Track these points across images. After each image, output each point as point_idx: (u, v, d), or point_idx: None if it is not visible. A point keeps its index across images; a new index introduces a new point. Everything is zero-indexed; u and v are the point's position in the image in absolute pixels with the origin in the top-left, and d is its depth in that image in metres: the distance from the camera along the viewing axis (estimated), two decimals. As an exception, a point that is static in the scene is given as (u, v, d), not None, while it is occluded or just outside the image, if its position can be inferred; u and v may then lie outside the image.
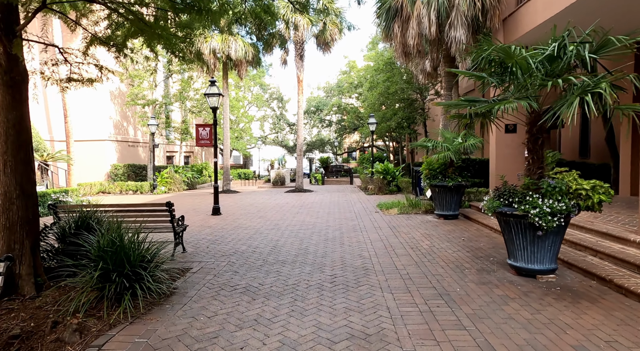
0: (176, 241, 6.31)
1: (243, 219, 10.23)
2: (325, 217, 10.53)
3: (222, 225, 9.39)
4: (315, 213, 11.43)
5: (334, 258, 6.21)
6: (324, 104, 33.34)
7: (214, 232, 8.53)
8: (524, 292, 4.47)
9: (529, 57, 4.36)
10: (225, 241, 7.56)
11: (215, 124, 10.94)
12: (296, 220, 10.04)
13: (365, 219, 10.05)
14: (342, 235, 8.02)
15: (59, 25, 16.83)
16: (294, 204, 13.70)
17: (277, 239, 7.72)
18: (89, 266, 4.02)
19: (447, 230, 8.25)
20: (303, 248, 6.95)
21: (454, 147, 9.14)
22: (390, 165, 17.63)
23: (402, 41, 10.17)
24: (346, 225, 9.20)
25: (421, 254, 6.32)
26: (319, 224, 9.34)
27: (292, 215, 10.96)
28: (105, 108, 20.12)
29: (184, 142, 24.47)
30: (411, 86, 21.02)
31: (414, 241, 7.31)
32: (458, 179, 9.28)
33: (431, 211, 10.53)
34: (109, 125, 20.34)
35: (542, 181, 4.74)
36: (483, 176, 12.01)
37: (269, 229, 8.75)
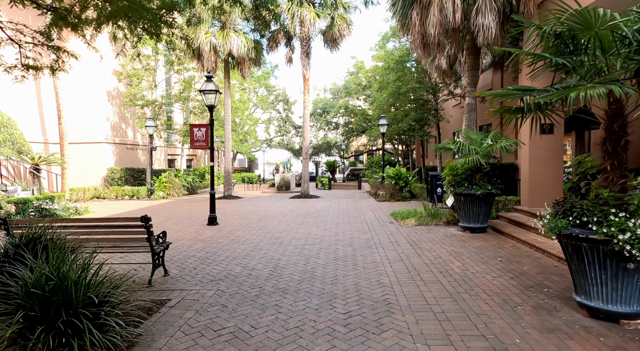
0: (155, 262, 5.19)
1: (241, 231, 9.10)
2: (334, 228, 9.36)
3: (216, 238, 8.27)
4: (323, 223, 10.27)
5: (347, 285, 5.05)
6: (330, 106, 32.24)
7: (206, 247, 7.40)
8: (611, 348, 3.26)
9: (619, 26, 3.17)
10: (218, 260, 6.43)
11: (211, 124, 9.86)
12: (301, 232, 8.88)
13: (380, 231, 8.86)
14: (354, 252, 6.84)
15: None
16: (299, 213, 12.55)
17: (278, 257, 6.57)
18: (11, 310, 2.90)
19: (477, 247, 7.04)
20: (309, 270, 5.79)
21: (483, 150, 7.93)
22: (403, 169, 16.44)
23: (421, 31, 9.02)
24: (358, 239, 8.02)
25: (454, 281, 5.13)
26: (327, 238, 8.18)
27: (296, 226, 9.81)
28: (103, 109, 19.20)
29: (186, 144, 23.48)
30: (423, 85, 19.83)
31: (441, 261, 6.11)
32: (487, 186, 8.06)
33: (454, 223, 9.31)
34: (106, 127, 19.41)
35: (632, 195, 3.53)
36: (503, 182, 10.75)
37: (270, 244, 7.60)
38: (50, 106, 17.95)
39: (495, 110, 4.73)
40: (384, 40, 23.47)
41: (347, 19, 16.85)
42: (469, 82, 9.76)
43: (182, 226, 9.93)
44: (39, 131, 17.79)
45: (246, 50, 16.23)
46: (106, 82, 19.26)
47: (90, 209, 12.89)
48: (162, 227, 9.65)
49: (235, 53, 16.46)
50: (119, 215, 11.97)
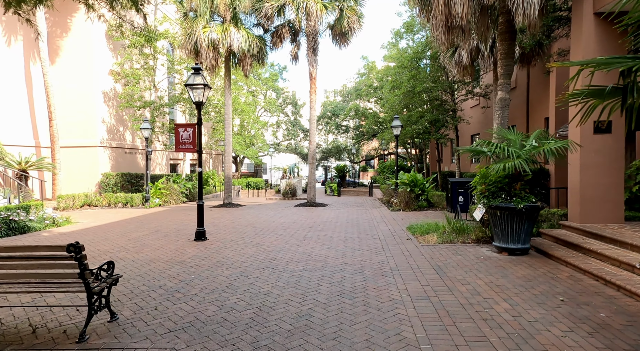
0: (93, 306, 3.80)
1: (231, 250, 7.70)
2: (341, 247, 7.89)
3: (199, 259, 6.87)
4: (328, 239, 8.80)
5: (355, 343, 3.58)
6: (340, 108, 30.84)
7: (182, 273, 6.00)
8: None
9: None
10: (190, 294, 5.02)
11: (199, 124, 8.52)
12: (301, 252, 7.43)
13: (396, 250, 7.36)
14: (365, 283, 5.37)
15: None
16: (302, 224, 11.11)
17: (267, 290, 5.13)
18: None
19: (524, 277, 5.49)
20: (304, 312, 4.34)
21: (526, 154, 6.39)
22: (419, 175, 14.89)
23: (445, 11, 7.56)
24: (370, 263, 6.54)
25: (507, 337, 3.61)
26: (331, 261, 6.72)
27: (297, 242, 8.37)
28: (98, 110, 18.15)
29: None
30: (440, 85, 18.28)
31: (480, 300, 4.60)
32: (531, 198, 6.51)
33: (486, 241, 7.76)
34: (101, 129, 18.34)
35: None
36: (532, 191, 9.15)
37: (261, 270, 6.17)
38: (41, 109, 16.95)
39: (578, 93, 3.17)
40: (396, 38, 22.01)
41: (357, 11, 15.47)
42: (502, 73, 8.22)
43: (165, 241, 8.58)
44: (30, 133, 16.77)
45: (247, 45, 14.95)
46: (102, 83, 18.22)
47: (72, 220, 11.67)
48: (142, 243, 8.32)
49: (236, 49, 15.20)
50: (102, 225, 10.72)
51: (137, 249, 7.78)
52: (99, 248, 7.92)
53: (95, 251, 7.62)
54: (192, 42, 14.62)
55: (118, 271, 6.07)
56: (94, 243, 8.38)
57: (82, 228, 10.54)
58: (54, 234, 9.57)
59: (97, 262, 6.69)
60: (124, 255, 7.24)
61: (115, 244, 8.22)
